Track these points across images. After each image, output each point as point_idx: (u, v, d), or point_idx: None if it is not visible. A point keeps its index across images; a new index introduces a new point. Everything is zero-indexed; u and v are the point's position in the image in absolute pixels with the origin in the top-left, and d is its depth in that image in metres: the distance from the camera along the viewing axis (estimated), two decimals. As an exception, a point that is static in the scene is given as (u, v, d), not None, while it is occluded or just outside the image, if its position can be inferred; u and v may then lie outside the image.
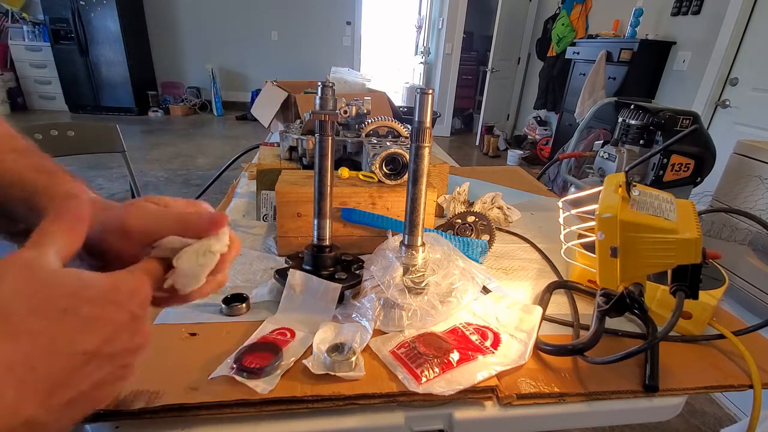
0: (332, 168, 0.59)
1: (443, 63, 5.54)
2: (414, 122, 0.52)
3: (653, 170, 1.62)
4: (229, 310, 0.55)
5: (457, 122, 6.28)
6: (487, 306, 0.59)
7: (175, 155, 4.07)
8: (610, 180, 0.55)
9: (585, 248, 0.63)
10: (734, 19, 2.52)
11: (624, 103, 1.71)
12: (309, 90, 1.39)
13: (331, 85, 0.58)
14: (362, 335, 0.49)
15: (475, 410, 0.45)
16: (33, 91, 5.58)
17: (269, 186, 0.80)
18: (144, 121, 5.57)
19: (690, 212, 0.52)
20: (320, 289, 0.56)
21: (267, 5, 5.86)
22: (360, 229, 0.72)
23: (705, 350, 0.55)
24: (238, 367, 0.44)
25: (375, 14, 6.81)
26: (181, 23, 5.89)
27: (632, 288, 0.49)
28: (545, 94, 4.60)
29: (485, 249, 0.74)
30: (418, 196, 0.54)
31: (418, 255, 0.56)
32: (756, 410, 0.48)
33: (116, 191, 3.10)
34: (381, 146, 0.75)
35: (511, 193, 1.12)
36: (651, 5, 3.16)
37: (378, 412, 0.44)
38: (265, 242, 0.76)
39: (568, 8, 4.15)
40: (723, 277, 0.61)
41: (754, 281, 1.72)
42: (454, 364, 0.47)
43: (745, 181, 1.75)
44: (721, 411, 1.44)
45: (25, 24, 5.26)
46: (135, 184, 1.72)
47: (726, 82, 2.64)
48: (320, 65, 6.07)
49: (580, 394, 0.47)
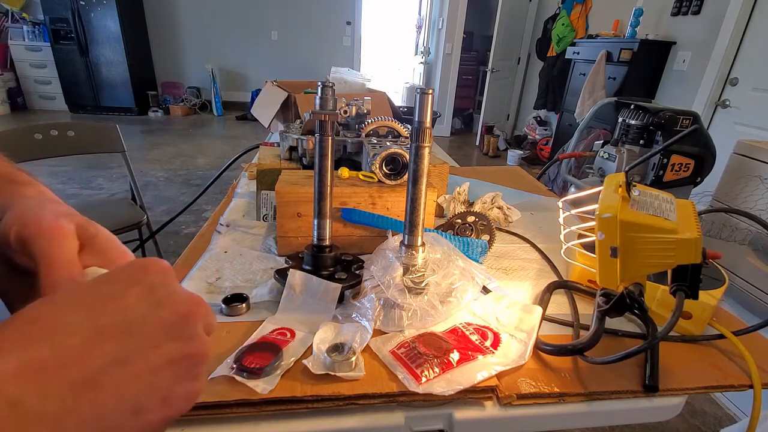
0: (332, 168, 0.59)
1: (443, 63, 5.54)
2: (414, 122, 0.52)
3: (653, 170, 1.62)
4: (229, 310, 0.55)
5: (457, 122, 6.28)
6: (487, 306, 0.59)
7: (175, 155, 4.07)
8: (610, 180, 0.55)
9: (585, 248, 0.63)
10: (734, 19, 2.52)
11: (624, 103, 1.71)
12: (309, 90, 1.39)
13: (331, 85, 0.58)
14: (362, 335, 0.49)
15: (475, 410, 0.45)
16: (33, 91, 5.58)
17: (269, 186, 0.80)
18: (144, 121, 5.57)
19: (690, 212, 0.52)
20: (320, 289, 0.56)
21: (267, 5, 5.86)
22: (360, 229, 0.72)
23: (705, 350, 0.55)
24: (238, 367, 0.44)
25: (375, 14, 6.82)
26: (181, 23, 5.89)
27: (632, 288, 0.49)
28: (545, 94, 4.60)
29: (485, 249, 0.74)
30: (418, 196, 0.54)
31: (418, 255, 0.56)
32: (756, 410, 0.48)
33: (116, 191, 3.11)
34: (381, 146, 0.75)
35: (511, 193, 1.12)
36: (651, 5, 3.16)
37: (378, 412, 0.44)
38: (265, 242, 0.76)
39: (568, 8, 4.15)
40: (723, 277, 0.61)
41: (754, 281, 1.72)
42: (454, 364, 0.47)
43: (745, 181, 1.75)
44: (721, 411, 1.44)
45: (25, 24, 5.27)
46: (135, 184, 1.72)
47: (726, 82, 2.64)
48: (320, 65, 6.07)
49: (580, 394, 0.47)
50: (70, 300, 0.20)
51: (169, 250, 2.29)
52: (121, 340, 0.20)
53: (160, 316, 0.21)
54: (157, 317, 0.21)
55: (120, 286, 0.21)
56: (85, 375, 0.18)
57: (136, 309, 0.21)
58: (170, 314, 0.22)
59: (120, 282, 0.22)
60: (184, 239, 2.47)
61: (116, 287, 0.21)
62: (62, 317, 0.19)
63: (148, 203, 2.77)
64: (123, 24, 5.24)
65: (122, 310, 0.20)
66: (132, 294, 0.21)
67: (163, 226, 1.94)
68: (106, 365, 0.19)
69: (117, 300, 0.21)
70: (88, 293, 0.21)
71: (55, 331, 0.19)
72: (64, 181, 3.26)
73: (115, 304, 0.21)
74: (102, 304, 0.20)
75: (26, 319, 0.19)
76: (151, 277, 0.22)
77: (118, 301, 0.21)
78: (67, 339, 0.19)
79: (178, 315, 0.22)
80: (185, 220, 2.65)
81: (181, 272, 0.65)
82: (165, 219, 1.99)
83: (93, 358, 0.19)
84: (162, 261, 0.24)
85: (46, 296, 0.21)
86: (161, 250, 1.93)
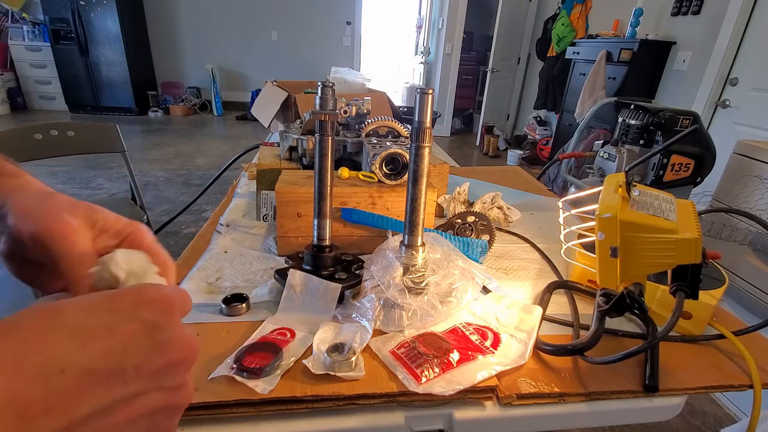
0: (332, 168, 0.59)
1: (443, 63, 5.54)
2: (414, 122, 0.52)
3: (653, 170, 1.62)
4: (229, 310, 0.55)
5: (457, 122, 6.28)
6: (487, 306, 0.59)
7: (175, 155, 4.07)
8: (610, 180, 0.55)
9: (585, 248, 0.63)
10: (734, 19, 2.52)
11: (624, 103, 1.71)
12: (309, 90, 1.39)
13: (331, 85, 0.58)
14: (362, 335, 0.49)
15: (475, 410, 0.45)
16: (33, 91, 5.58)
17: (269, 186, 0.80)
18: (144, 121, 5.57)
19: (690, 212, 0.52)
20: (320, 289, 0.56)
21: (267, 5, 5.86)
22: (360, 229, 0.72)
23: (705, 350, 0.55)
24: (238, 367, 0.44)
25: (375, 14, 6.82)
26: (181, 23, 5.89)
27: (632, 288, 0.49)
28: (545, 94, 4.60)
29: (485, 249, 0.74)
30: (418, 196, 0.54)
31: (418, 255, 0.56)
32: (756, 410, 0.48)
33: (116, 191, 3.11)
34: (381, 146, 0.75)
35: (511, 193, 1.12)
36: (651, 5, 3.16)
37: (378, 412, 0.44)
38: (265, 242, 0.76)
39: (568, 8, 4.15)
40: (723, 277, 0.61)
41: (754, 281, 1.72)
42: (454, 364, 0.47)
43: (745, 181, 1.75)
44: (721, 411, 1.44)
45: (25, 24, 5.27)
46: (135, 184, 1.72)
47: (726, 82, 2.64)
48: (320, 65, 6.07)
49: (580, 394, 0.47)
50: (69, 324, 0.19)
51: (169, 250, 2.24)
52: (111, 388, 0.19)
53: (154, 363, 0.20)
54: (151, 363, 0.20)
55: (121, 318, 0.20)
56: (67, 423, 0.17)
57: (134, 352, 0.20)
58: (164, 361, 0.21)
59: (122, 313, 0.20)
60: (184, 239, 2.47)
61: (117, 318, 0.20)
62: (59, 347, 0.18)
63: (148, 203, 2.77)
64: (123, 24, 5.24)
65: (119, 352, 0.19)
66: (132, 330, 0.20)
67: (163, 226, 1.95)
68: (90, 415, 0.18)
69: (116, 334, 0.19)
70: (88, 318, 0.19)
71: (49, 366, 0.17)
72: (64, 181, 3.26)
73: (114, 340, 0.19)
74: (101, 338, 0.19)
75: (21, 341, 0.17)
76: (155, 315, 0.21)
77: (116, 335, 0.19)
78: (60, 379, 0.17)
79: (171, 362, 0.21)
80: (185, 220, 2.65)
81: (181, 272, 0.65)
82: (165, 219, 2.00)
83: (80, 405, 0.18)
84: (168, 293, 0.22)
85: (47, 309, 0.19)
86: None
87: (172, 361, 0.21)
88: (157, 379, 0.21)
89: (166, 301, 0.22)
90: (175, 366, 0.21)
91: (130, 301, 0.21)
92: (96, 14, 5.16)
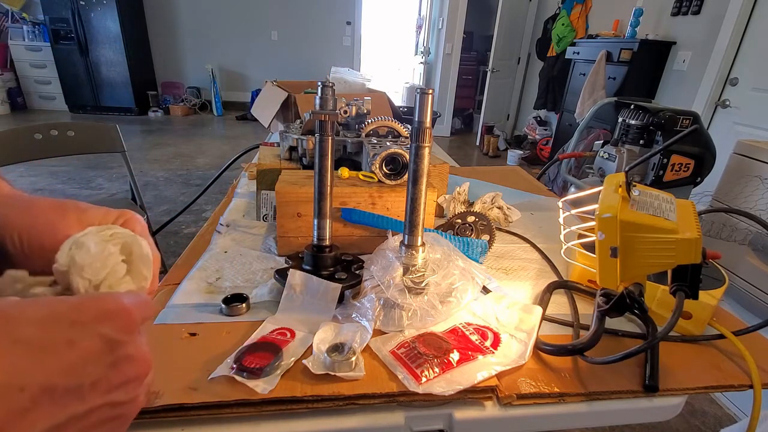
0: (332, 168, 0.59)
1: (443, 63, 5.54)
2: (414, 122, 0.52)
3: (653, 170, 1.62)
4: (229, 310, 0.55)
5: (457, 122, 6.28)
6: (487, 306, 0.59)
7: (175, 155, 4.07)
8: (610, 180, 0.55)
9: (585, 248, 0.63)
10: (734, 19, 2.52)
11: (624, 103, 1.71)
12: (309, 90, 1.39)
13: (331, 85, 0.58)
14: (362, 335, 0.49)
15: (475, 410, 0.45)
16: (33, 91, 5.58)
17: (269, 186, 0.80)
18: (144, 121, 5.57)
19: (690, 212, 0.52)
20: (320, 289, 0.56)
21: (267, 5, 5.86)
22: (360, 229, 0.72)
23: (705, 350, 0.55)
24: (238, 367, 0.44)
25: (375, 14, 6.82)
26: (181, 23, 5.89)
27: (632, 288, 0.49)
28: (545, 94, 4.60)
29: (485, 249, 0.74)
30: (418, 196, 0.54)
31: (418, 255, 0.56)
32: (756, 410, 0.48)
33: (116, 191, 3.11)
34: (381, 146, 0.75)
35: (511, 193, 1.12)
36: (651, 5, 3.17)
37: (378, 412, 0.44)
38: (265, 242, 0.76)
39: (568, 8, 4.15)
40: (723, 277, 0.61)
41: (754, 281, 1.72)
42: (454, 364, 0.47)
43: (745, 181, 1.75)
44: (721, 411, 1.44)
45: (25, 24, 5.27)
46: (135, 184, 1.72)
47: (726, 82, 2.64)
48: (320, 65, 6.07)
49: (580, 394, 0.47)
50: (29, 338, 0.18)
51: (169, 250, 2.29)
52: (67, 406, 0.19)
53: (110, 379, 0.20)
54: (106, 380, 0.20)
55: (82, 333, 0.20)
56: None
57: (92, 369, 0.20)
58: (121, 378, 0.21)
59: (83, 327, 0.20)
60: (184, 239, 2.47)
61: (78, 333, 0.19)
62: (18, 362, 0.17)
63: (148, 203, 2.77)
64: (123, 24, 5.24)
65: (79, 368, 0.19)
66: (91, 346, 0.20)
67: (163, 226, 1.95)
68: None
69: (76, 350, 0.19)
70: (48, 332, 0.19)
71: (9, 384, 0.16)
72: (64, 181, 3.26)
73: (74, 356, 0.19)
74: (61, 354, 0.19)
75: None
76: (114, 331, 0.21)
77: (76, 351, 0.19)
78: (19, 397, 0.17)
79: (126, 379, 0.21)
80: (185, 220, 2.65)
81: (181, 272, 0.65)
82: (165, 219, 2.00)
83: (36, 424, 0.17)
84: (128, 305, 0.22)
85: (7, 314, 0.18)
86: (161, 251, 1.93)
87: (129, 377, 0.21)
88: (111, 395, 0.21)
89: (126, 314, 0.21)
90: (129, 383, 0.22)
91: (90, 315, 0.20)
92: (96, 14, 5.16)
